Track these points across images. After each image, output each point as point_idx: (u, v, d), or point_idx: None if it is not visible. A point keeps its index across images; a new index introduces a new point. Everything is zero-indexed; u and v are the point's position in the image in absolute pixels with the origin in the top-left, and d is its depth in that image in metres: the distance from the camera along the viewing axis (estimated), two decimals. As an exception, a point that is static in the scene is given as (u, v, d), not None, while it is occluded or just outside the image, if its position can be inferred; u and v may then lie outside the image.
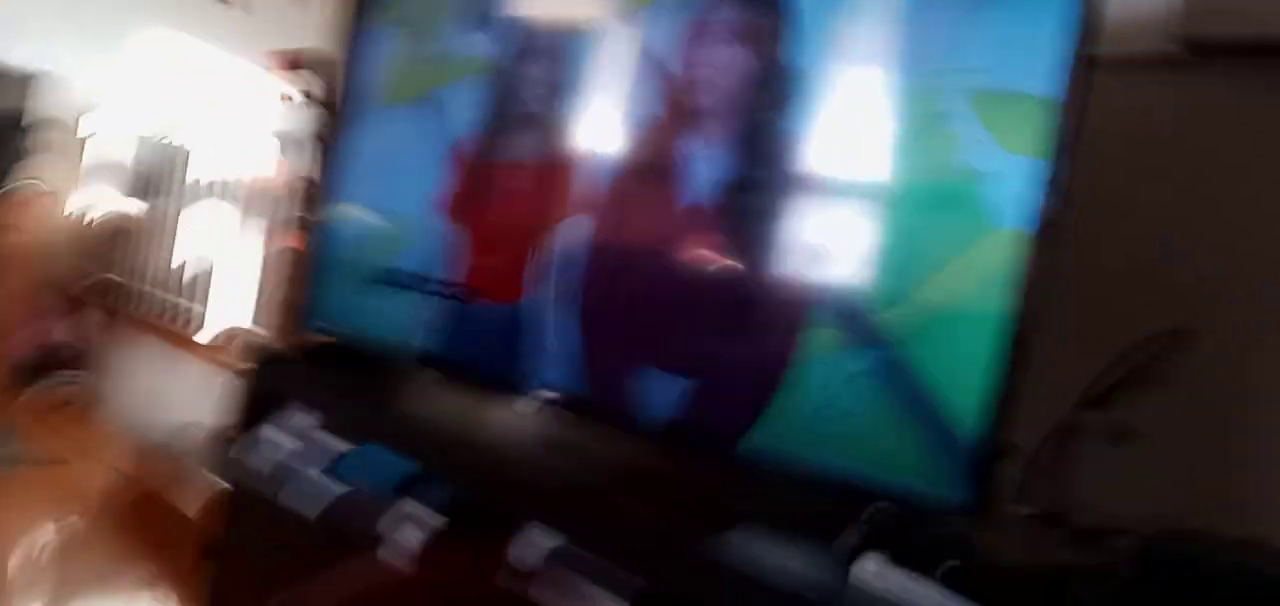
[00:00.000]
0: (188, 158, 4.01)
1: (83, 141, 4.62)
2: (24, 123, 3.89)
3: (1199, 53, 1.15)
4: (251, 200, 3.54)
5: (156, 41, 4.70)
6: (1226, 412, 1.09)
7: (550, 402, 1.43)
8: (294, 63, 3.29)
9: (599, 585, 1.20)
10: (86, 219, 4.65)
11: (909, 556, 0.90)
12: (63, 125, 4.44)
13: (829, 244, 1.15)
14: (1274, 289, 1.08)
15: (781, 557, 1.00)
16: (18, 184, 3.94)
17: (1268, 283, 1.09)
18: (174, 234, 4.04)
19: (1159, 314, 1.11)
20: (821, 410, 1.11)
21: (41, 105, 4.23)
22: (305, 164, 3.13)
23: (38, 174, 4.09)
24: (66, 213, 4.56)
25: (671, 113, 1.35)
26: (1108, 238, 1.18)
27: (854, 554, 0.96)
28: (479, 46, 1.68)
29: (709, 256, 1.27)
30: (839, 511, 1.04)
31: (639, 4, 1.43)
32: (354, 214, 1.89)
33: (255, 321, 3.33)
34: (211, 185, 3.84)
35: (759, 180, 1.22)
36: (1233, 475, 1.08)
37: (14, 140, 3.81)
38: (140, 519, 2.84)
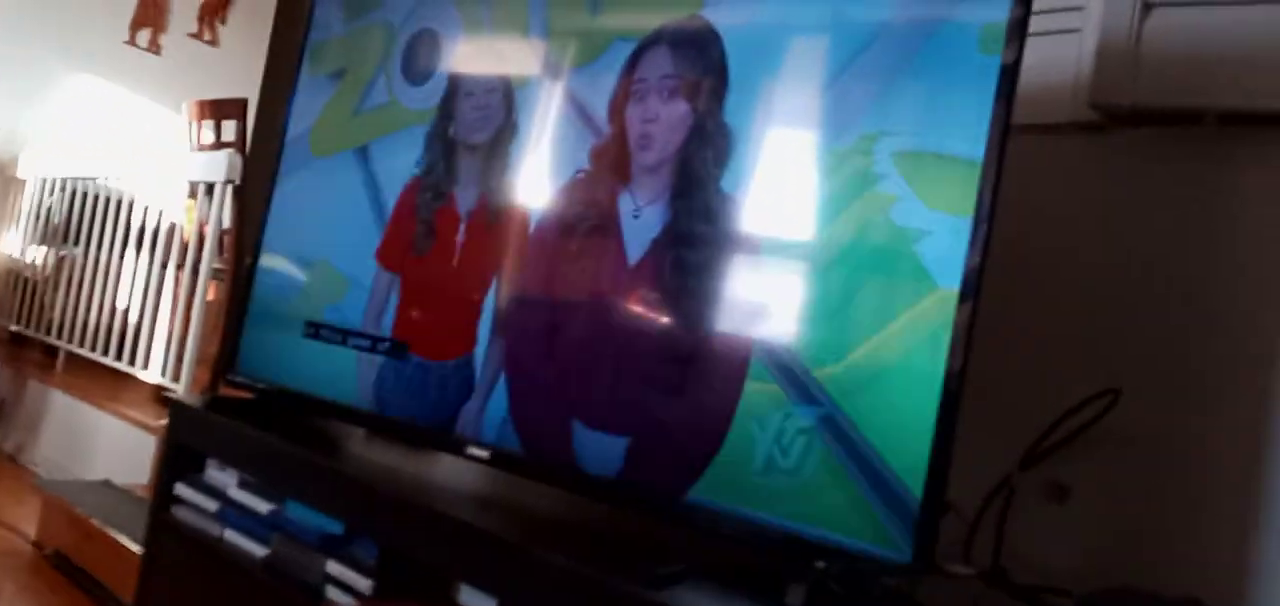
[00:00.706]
0: (109, 206, 3.87)
1: (6, 188, 4.45)
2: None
3: (1112, 119, 1.19)
4: (170, 250, 3.43)
5: (80, 89, 4.57)
6: (1157, 469, 1.11)
7: (484, 459, 1.39)
8: (213, 111, 3.22)
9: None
10: (4, 265, 4.45)
11: (854, 611, 0.89)
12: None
13: (766, 301, 1.14)
14: (1196, 346, 1.11)
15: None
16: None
17: (1191, 341, 1.12)
18: (95, 283, 3.89)
19: (1092, 372, 1.13)
20: (763, 466, 1.09)
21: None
22: (223, 214, 3.06)
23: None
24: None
25: (608, 168, 1.34)
26: (1038, 299, 1.20)
27: (800, 611, 0.94)
28: (414, 100, 1.66)
29: (647, 312, 1.25)
30: (783, 567, 1.02)
31: (574, 61, 1.42)
32: (278, 264, 1.83)
33: (172, 375, 3.21)
34: (133, 234, 3.71)
35: (696, 237, 1.22)
36: (1165, 530, 1.09)
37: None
38: (55, 581, 2.69)
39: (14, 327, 4.26)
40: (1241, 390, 1.07)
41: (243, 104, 3.10)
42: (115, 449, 3.29)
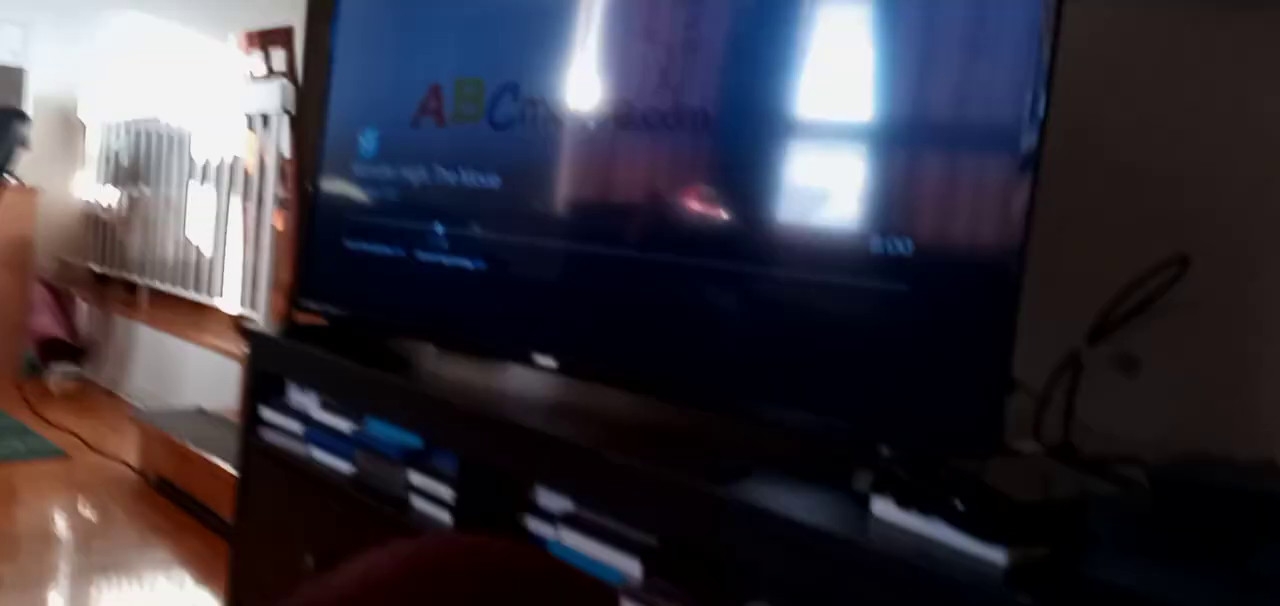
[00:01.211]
0: (173, 144, 3.97)
1: (71, 132, 4.58)
2: (11, 115, 3.84)
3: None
4: (235, 182, 3.51)
5: (132, 27, 4.63)
6: (1227, 337, 1.08)
7: (551, 367, 1.43)
8: (261, 41, 3.24)
9: (613, 546, 1.21)
10: (81, 209, 4.61)
11: (924, 496, 0.90)
12: (50, 116, 4.39)
13: (832, 180, 1.13)
14: (1267, 210, 1.07)
15: (798, 501, 1.00)
16: (9, 177, 3.90)
17: (1261, 204, 1.08)
18: (166, 220, 4.01)
19: (1157, 244, 1.10)
20: (828, 349, 1.10)
21: (27, 97, 4.19)
22: (280, 142, 3.11)
23: (29, 166, 4.05)
24: (61, 203, 4.52)
25: (654, 73, 1.32)
26: (1100, 171, 1.17)
27: (871, 495, 0.96)
28: None
29: (700, 204, 1.25)
30: (851, 454, 1.04)
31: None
32: (339, 187, 1.87)
33: (249, 303, 3.32)
34: (198, 169, 3.80)
35: (754, 112, 1.20)
36: (1235, 398, 1.08)
37: (3, 133, 3.76)
38: (160, 504, 2.86)
39: (96, 268, 4.43)
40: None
41: (289, 32, 3.11)
42: (203, 376, 3.43)
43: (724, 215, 1.23)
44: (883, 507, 0.95)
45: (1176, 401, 1.11)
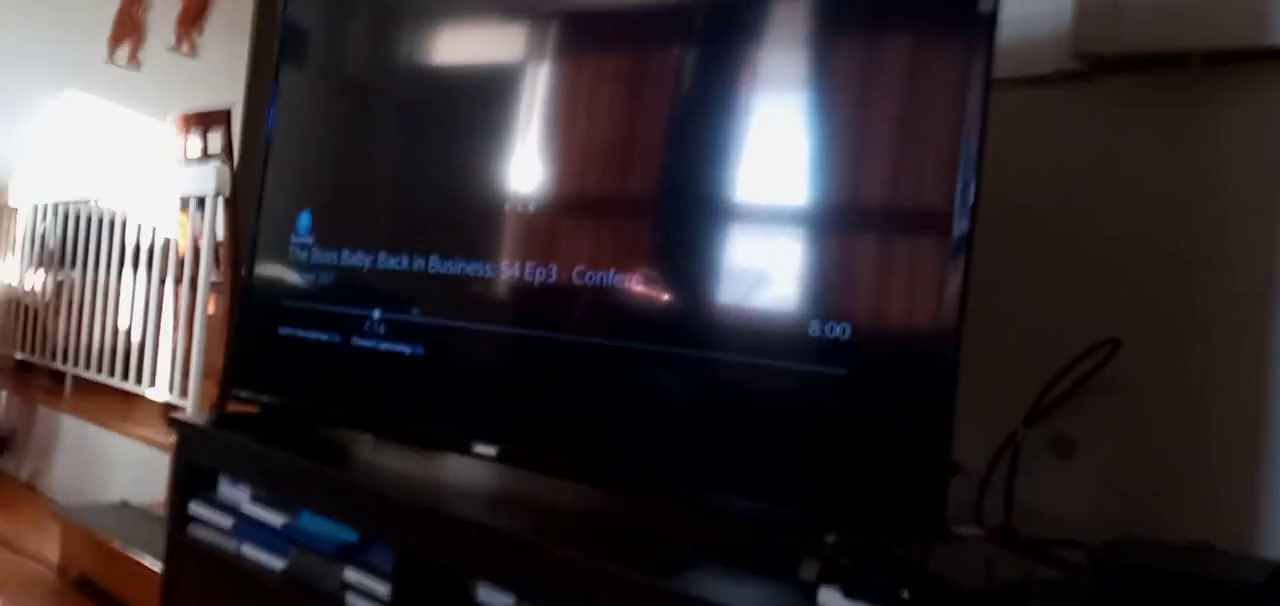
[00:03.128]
0: (104, 226, 3.87)
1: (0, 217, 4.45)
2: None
3: (1096, 67, 1.18)
4: (168, 266, 3.43)
5: (65, 110, 4.55)
6: (1161, 416, 1.11)
7: (490, 455, 1.40)
8: (198, 122, 3.20)
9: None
10: (3, 294, 4.45)
11: (870, 586, 0.89)
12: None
13: (771, 265, 1.14)
14: (1192, 290, 1.11)
15: (745, 593, 0.98)
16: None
17: (1186, 285, 1.11)
18: (95, 305, 3.89)
19: (1090, 324, 1.13)
20: (771, 435, 1.10)
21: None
22: (215, 225, 3.05)
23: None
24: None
25: (596, 158, 1.33)
26: (1032, 254, 1.20)
27: (817, 584, 0.94)
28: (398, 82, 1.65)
29: (645, 288, 1.25)
30: (796, 542, 1.02)
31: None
32: (274, 271, 1.83)
33: (180, 392, 3.22)
34: (130, 252, 3.71)
35: (695, 198, 1.21)
36: (1172, 477, 1.10)
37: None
38: (73, 604, 2.72)
39: (19, 355, 4.27)
40: (1240, 329, 1.07)
41: (226, 114, 3.08)
42: (129, 468, 3.31)
43: (665, 299, 1.24)
44: (829, 597, 0.93)
45: (1114, 483, 1.12)
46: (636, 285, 1.26)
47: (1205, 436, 1.08)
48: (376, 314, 1.60)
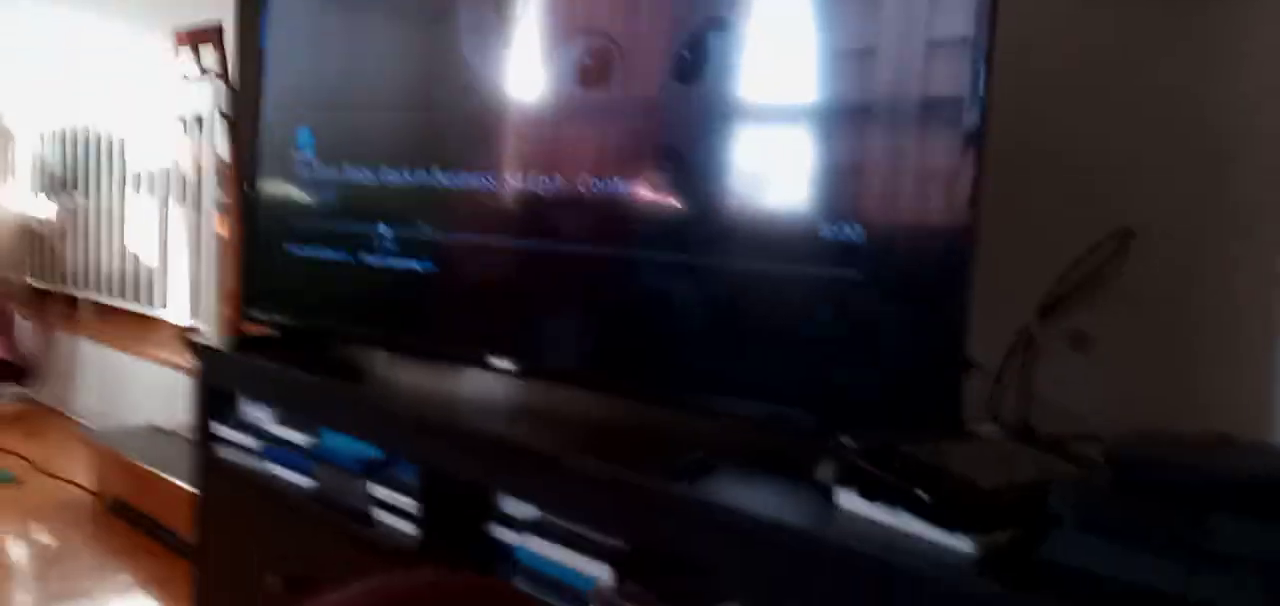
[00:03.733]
0: (106, 150, 3.84)
1: (2, 143, 4.42)
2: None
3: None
4: (173, 189, 3.41)
5: (55, 23, 4.46)
6: (1177, 308, 1.09)
7: (507, 370, 1.41)
8: (190, 39, 3.13)
9: (582, 552, 1.20)
10: (14, 221, 4.46)
11: (890, 488, 0.90)
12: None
13: (781, 167, 1.12)
14: (1209, 183, 1.08)
15: (763, 497, 1.00)
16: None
17: (1203, 178, 1.09)
18: (105, 231, 3.89)
19: (1106, 216, 1.10)
20: (784, 339, 1.09)
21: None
22: (217, 144, 3.02)
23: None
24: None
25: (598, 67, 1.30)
26: (1048, 144, 1.17)
27: (835, 487, 0.95)
28: None
29: (652, 194, 1.23)
30: (812, 444, 1.03)
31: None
32: (278, 189, 1.81)
33: (196, 314, 3.24)
34: (134, 176, 3.69)
35: (698, 103, 1.19)
36: (1189, 369, 1.09)
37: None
38: (118, 527, 2.80)
39: (32, 282, 4.29)
40: (1256, 222, 1.05)
41: (219, 29, 3.01)
42: (153, 391, 3.35)
43: (672, 204, 1.22)
44: (848, 500, 0.95)
45: (1130, 377, 1.12)
46: (643, 191, 1.24)
47: (1220, 329, 1.07)
48: (384, 229, 1.59)
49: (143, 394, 3.42)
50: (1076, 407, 1.05)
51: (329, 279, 1.70)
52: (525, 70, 1.41)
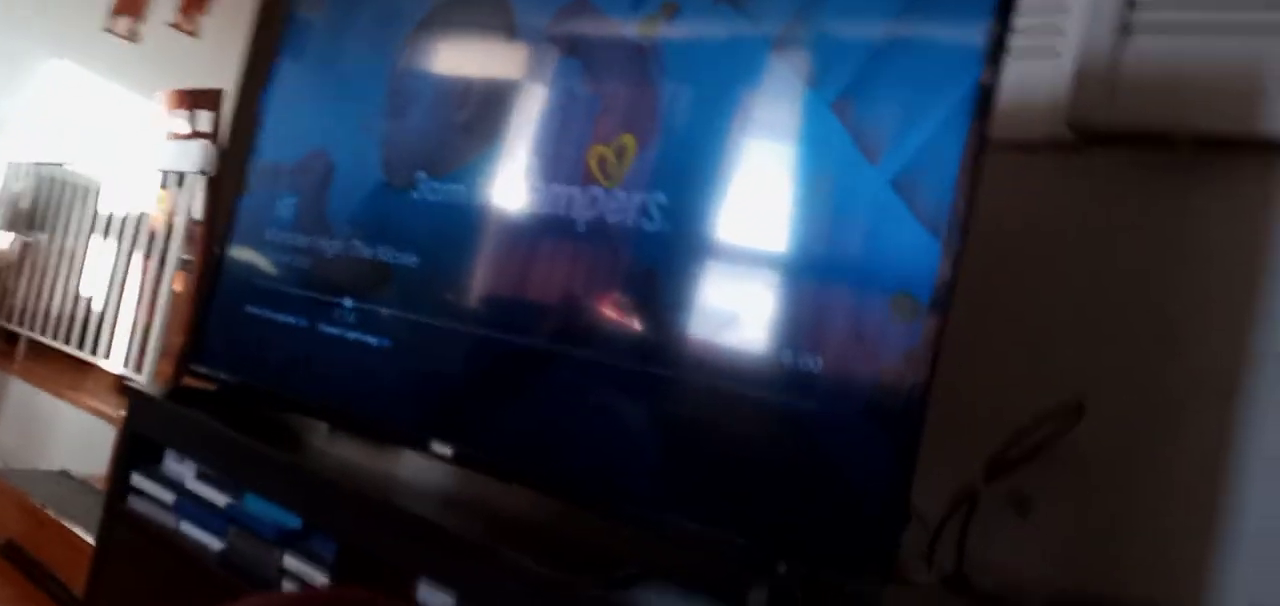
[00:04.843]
0: (78, 193, 3.82)
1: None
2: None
3: (1088, 140, 1.20)
4: (139, 238, 3.38)
5: (55, 75, 4.51)
6: (1119, 483, 1.11)
7: (446, 455, 1.37)
8: (188, 100, 3.19)
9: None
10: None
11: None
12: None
13: (745, 300, 1.13)
14: (1160, 365, 1.12)
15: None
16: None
17: (1155, 359, 1.12)
18: (59, 270, 3.82)
19: (1058, 387, 1.13)
20: (729, 467, 1.08)
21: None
22: (193, 203, 3.02)
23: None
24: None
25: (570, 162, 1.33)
26: (1008, 312, 1.20)
27: (762, 615, 0.93)
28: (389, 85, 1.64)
29: (615, 313, 1.24)
30: (747, 570, 1.01)
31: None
32: (248, 251, 1.80)
33: (135, 366, 3.16)
34: (102, 221, 3.66)
35: (669, 241, 1.21)
36: (1126, 542, 1.10)
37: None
38: (4, 570, 2.63)
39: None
40: (1203, 408, 1.08)
41: (217, 94, 3.06)
42: (74, 438, 3.23)
43: (635, 321, 1.23)
44: (776, 628, 0.92)
45: (1067, 543, 1.12)
46: (607, 306, 1.25)
47: (1160, 507, 1.08)
48: (349, 303, 1.58)
49: (64, 439, 3.29)
50: (1013, 569, 1.04)
51: (281, 342, 1.67)
52: (495, 181, 1.44)
